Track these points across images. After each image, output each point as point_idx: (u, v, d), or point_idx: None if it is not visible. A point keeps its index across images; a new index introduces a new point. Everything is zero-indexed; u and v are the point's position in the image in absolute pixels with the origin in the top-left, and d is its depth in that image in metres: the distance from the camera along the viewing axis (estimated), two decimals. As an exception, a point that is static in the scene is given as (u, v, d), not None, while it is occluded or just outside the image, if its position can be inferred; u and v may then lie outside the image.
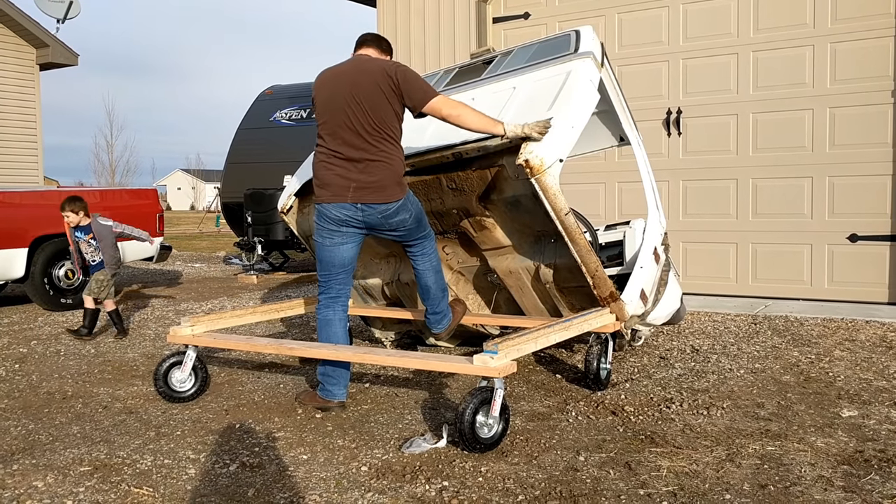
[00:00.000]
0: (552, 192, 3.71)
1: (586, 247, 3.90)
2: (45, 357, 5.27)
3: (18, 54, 12.98)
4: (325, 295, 3.90)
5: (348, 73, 3.70)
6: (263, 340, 4.16)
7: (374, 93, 3.60)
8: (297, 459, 3.16)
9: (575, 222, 3.85)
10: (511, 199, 4.15)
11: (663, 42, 7.18)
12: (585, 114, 3.98)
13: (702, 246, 7.13)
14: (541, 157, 3.65)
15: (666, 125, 7.19)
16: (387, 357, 3.68)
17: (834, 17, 6.46)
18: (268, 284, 9.44)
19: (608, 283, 4.04)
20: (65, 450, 3.33)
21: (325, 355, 3.70)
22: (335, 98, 3.68)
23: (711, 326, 5.73)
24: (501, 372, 3.18)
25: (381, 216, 3.70)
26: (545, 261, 4.35)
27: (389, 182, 3.65)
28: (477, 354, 3.24)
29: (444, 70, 5.13)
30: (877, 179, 6.36)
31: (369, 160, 3.63)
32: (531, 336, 3.50)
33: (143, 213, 8.08)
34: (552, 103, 3.98)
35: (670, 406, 3.75)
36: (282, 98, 12.10)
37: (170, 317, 6.88)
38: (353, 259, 3.86)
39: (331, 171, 3.70)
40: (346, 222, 3.72)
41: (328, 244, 3.79)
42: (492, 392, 3.21)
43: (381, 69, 3.64)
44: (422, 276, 3.97)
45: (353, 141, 3.63)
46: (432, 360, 3.47)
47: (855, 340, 5.15)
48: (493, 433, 3.20)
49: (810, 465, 2.97)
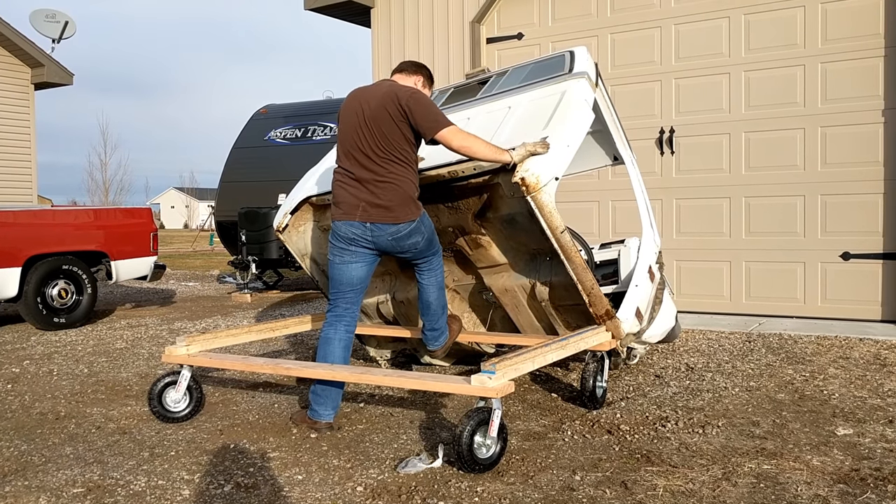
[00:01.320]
0: (548, 209, 3.73)
1: (582, 265, 3.92)
2: (38, 377, 5.24)
3: (13, 74, 13.01)
4: (331, 313, 3.92)
5: (365, 96, 3.76)
6: (260, 360, 4.13)
7: (383, 116, 3.64)
8: (293, 480, 3.14)
9: (571, 240, 3.87)
10: (507, 217, 4.17)
11: (656, 62, 7.24)
12: (580, 133, 4.00)
13: (695, 264, 7.15)
14: (537, 175, 3.67)
15: (659, 144, 7.24)
16: (383, 377, 3.65)
17: (824, 38, 6.53)
18: (262, 303, 9.42)
19: (604, 301, 4.05)
20: (58, 471, 3.30)
21: (322, 375, 3.68)
22: (351, 119, 3.74)
23: (706, 344, 5.74)
24: (499, 392, 3.17)
25: (392, 238, 3.70)
26: (541, 279, 4.36)
27: (398, 203, 3.66)
28: (474, 375, 3.22)
29: (440, 90, 5.16)
30: (868, 198, 6.40)
31: (378, 181, 3.66)
32: (528, 356, 3.49)
33: (137, 232, 8.08)
34: (547, 122, 4.01)
35: (666, 424, 3.75)
36: (276, 117, 12.14)
37: (163, 336, 6.85)
38: (362, 280, 3.86)
39: (343, 190, 3.74)
40: (356, 241, 3.74)
41: (338, 262, 3.81)
42: (489, 412, 3.20)
43: (393, 95, 3.66)
44: (425, 290, 3.98)
45: (363, 161, 3.67)
46: (429, 381, 3.45)
47: (849, 358, 5.16)
48: (491, 453, 3.19)
49: (806, 483, 2.97)
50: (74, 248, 7.52)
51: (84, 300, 7.53)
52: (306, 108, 12.10)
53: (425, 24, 8.35)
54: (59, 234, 7.43)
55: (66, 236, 7.48)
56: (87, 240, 7.65)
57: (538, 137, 3.84)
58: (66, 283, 7.41)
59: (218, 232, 12.27)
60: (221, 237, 12.22)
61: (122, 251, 7.90)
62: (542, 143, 3.73)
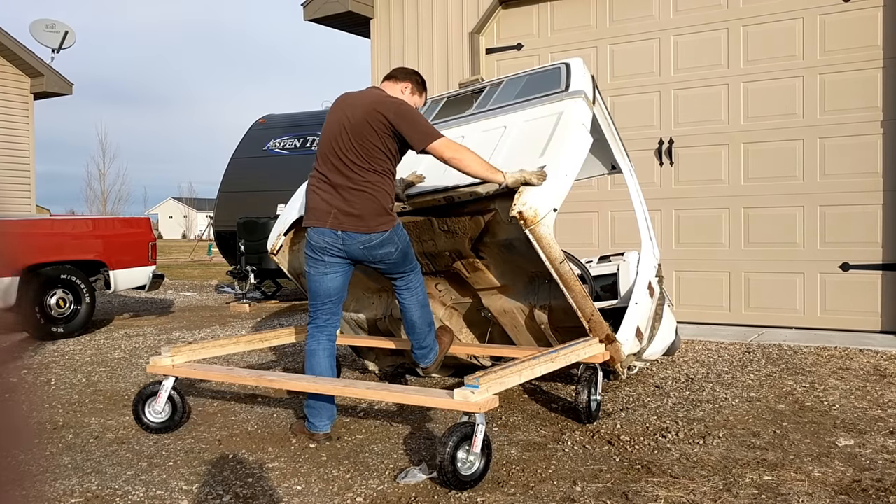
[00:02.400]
0: (546, 242, 3.69)
1: (582, 293, 3.89)
2: (36, 386, 5.22)
3: (13, 83, 13.03)
4: (312, 325, 3.89)
5: (351, 102, 3.73)
6: (243, 372, 4.07)
7: (363, 126, 3.61)
8: (292, 490, 3.13)
9: (570, 270, 3.83)
10: (504, 242, 4.12)
11: (655, 73, 7.26)
12: (579, 160, 3.93)
13: (694, 275, 7.15)
14: (535, 209, 3.62)
15: (658, 155, 7.25)
16: (366, 390, 3.54)
17: (823, 49, 6.55)
18: (260, 313, 9.40)
19: (604, 325, 4.03)
20: (55, 481, 3.28)
21: (304, 388, 3.65)
22: (334, 125, 3.71)
23: (705, 355, 5.73)
24: (482, 407, 3.09)
25: (363, 247, 3.66)
26: (539, 302, 4.32)
27: (370, 213, 3.62)
28: (457, 389, 3.15)
29: (433, 100, 5.08)
30: (868, 209, 6.41)
31: (352, 188, 3.62)
32: (515, 369, 3.41)
33: (135, 241, 8.07)
34: (544, 149, 3.93)
35: (666, 435, 3.74)
36: (275, 127, 12.15)
37: (161, 346, 6.83)
38: (339, 290, 3.82)
39: (317, 195, 3.71)
40: (327, 251, 3.69)
41: (313, 273, 3.78)
42: (473, 427, 3.13)
43: (375, 105, 3.62)
44: (407, 310, 3.91)
45: (340, 167, 3.65)
46: (412, 395, 3.35)
47: (849, 369, 5.15)
48: (475, 470, 3.10)
49: (808, 494, 2.96)
50: (73, 257, 7.51)
51: (82, 310, 7.51)
52: (305, 119, 12.11)
53: (425, 34, 8.38)
54: (57, 243, 7.42)
55: (64, 246, 7.46)
56: (86, 249, 7.63)
57: (535, 166, 3.80)
58: (65, 292, 7.39)
59: (217, 242, 12.27)
60: (220, 247, 12.21)
61: (121, 261, 7.88)
62: (538, 173, 3.70)
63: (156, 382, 4.07)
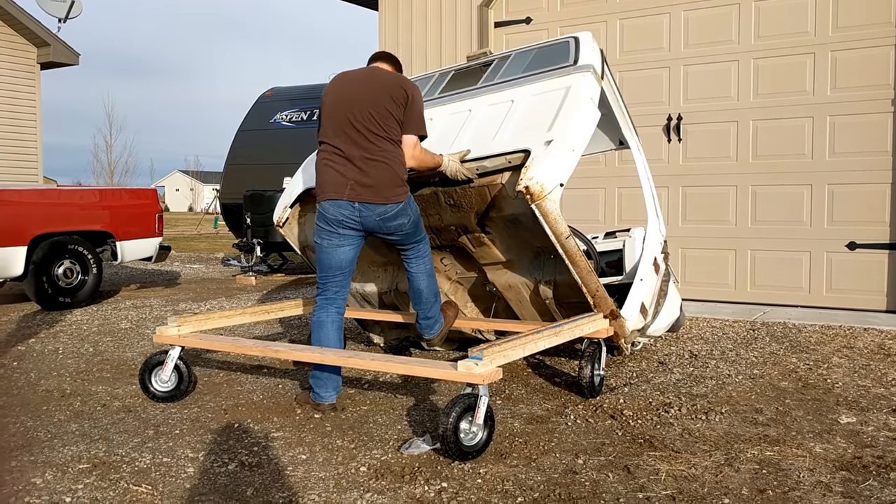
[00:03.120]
0: (552, 216, 3.69)
1: (587, 268, 3.89)
2: (44, 355, 5.27)
3: (19, 53, 12.99)
4: (321, 296, 3.90)
5: (361, 78, 3.77)
6: (249, 342, 4.09)
7: (384, 97, 3.65)
8: (296, 459, 3.16)
9: (575, 245, 3.83)
10: (510, 217, 4.11)
11: (664, 48, 7.20)
12: (586, 135, 3.91)
13: (700, 252, 7.14)
14: (541, 183, 3.62)
15: (666, 131, 7.21)
16: (371, 361, 3.54)
17: (835, 26, 6.48)
18: (266, 286, 9.44)
19: (609, 301, 4.03)
20: (63, 447, 3.32)
21: (309, 358, 3.67)
22: (345, 99, 3.71)
23: (710, 332, 5.74)
24: (486, 379, 3.11)
25: (380, 219, 3.69)
26: (545, 277, 4.32)
27: (388, 183, 3.65)
28: (461, 361, 3.16)
29: (440, 72, 5.05)
30: (876, 188, 6.38)
31: (369, 158, 3.64)
32: (518, 342, 3.44)
33: (142, 213, 8.09)
34: (552, 123, 3.91)
35: (669, 410, 3.76)
36: (282, 100, 12.12)
37: (167, 316, 6.87)
38: (350, 262, 3.85)
39: (331, 168, 3.71)
40: (344, 223, 3.71)
41: (325, 245, 3.79)
42: (476, 399, 3.15)
43: (398, 81, 3.73)
44: (415, 279, 3.95)
45: (355, 138, 3.65)
46: (417, 366, 3.37)
47: (853, 347, 5.15)
48: (477, 441, 3.13)
49: (809, 470, 2.97)
50: (80, 227, 7.53)
51: (89, 280, 7.54)
52: (312, 91, 12.07)
53: (433, 7, 8.31)
54: (64, 213, 7.44)
55: (71, 216, 7.49)
56: (93, 220, 7.66)
57: (542, 140, 3.80)
58: (72, 262, 7.42)
59: (223, 214, 12.28)
60: (227, 220, 12.23)
61: (128, 232, 7.91)
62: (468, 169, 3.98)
63: (162, 352, 4.10)
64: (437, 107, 4.66)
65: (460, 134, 4.30)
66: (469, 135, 4.25)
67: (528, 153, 3.81)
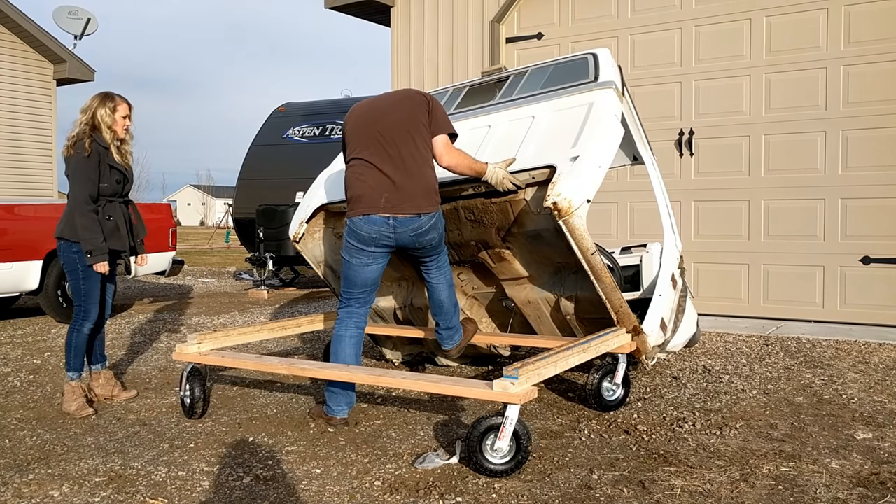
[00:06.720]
0: (579, 233, 3.68)
1: (611, 284, 3.87)
2: (59, 369, 5.30)
3: (36, 70, 13.16)
4: (343, 310, 3.92)
5: (380, 97, 3.85)
6: (274, 360, 4.06)
7: (407, 105, 3.73)
8: (311, 473, 3.17)
9: (600, 261, 3.82)
10: (532, 233, 4.10)
11: (676, 63, 7.22)
12: (611, 151, 3.91)
13: (713, 267, 7.12)
14: (569, 199, 3.62)
15: (678, 146, 7.22)
16: (402, 380, 3.53)
17: (847, 41, 6.48)
18: (278, 300, 9.47)
19: (632, 317, 4.01)
20: (80, 460, 3.34)
21: (338, 377, 3.66)
22: (371, 114, 3.76)
23: (723, 347, 5.72)
24: (522, 398, 3.08)
25: (414, 234, 3.68)
26: (566, 293, 4.31)
27: (421, 192, 3.66)
28: (497, 380, 3.13)
29: (454, 87, 5.05)
30: (890, 202, 6.35)
31: (402, 169, 3.65)
32: (550, 360, 3.42)
33: (156, 227, 8.14)
34: (576, 140, 3.90)
35: (683, 426, 3.75)
36: (295, 115, 12.20)
37: (181, 330, 6.91)
38: (376, 280, 3.86)
39: (364, 183, 3.69)
40: (378, 241, 3.69)
41: (354, 263, 3.77)
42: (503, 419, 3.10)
43: (414, 90, 3.87)
44: (435, 289, 3.96)
45: (387, 149, 3.67)
46: (449, 385, 3.35)
47: (868, 363, 5.12)
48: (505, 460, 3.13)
49: (825, 486, 2.96)
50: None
51: (103, 294, 7.57)
52: (324, 107, 12.15)
53: (445, 23, 8.37)
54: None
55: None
56: (108, 234, 7.69)
57: (567, 156, 3.79)
58: (87, 276, 7.45)
59: (235, 229, 12.35)
60: (239, 234, 12.30)
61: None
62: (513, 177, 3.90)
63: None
64: (455, 122, 4.66)
65: (481, 149, 4.28)
66: (490, 150, 4.24)
67: (553, 169, 3.80)
